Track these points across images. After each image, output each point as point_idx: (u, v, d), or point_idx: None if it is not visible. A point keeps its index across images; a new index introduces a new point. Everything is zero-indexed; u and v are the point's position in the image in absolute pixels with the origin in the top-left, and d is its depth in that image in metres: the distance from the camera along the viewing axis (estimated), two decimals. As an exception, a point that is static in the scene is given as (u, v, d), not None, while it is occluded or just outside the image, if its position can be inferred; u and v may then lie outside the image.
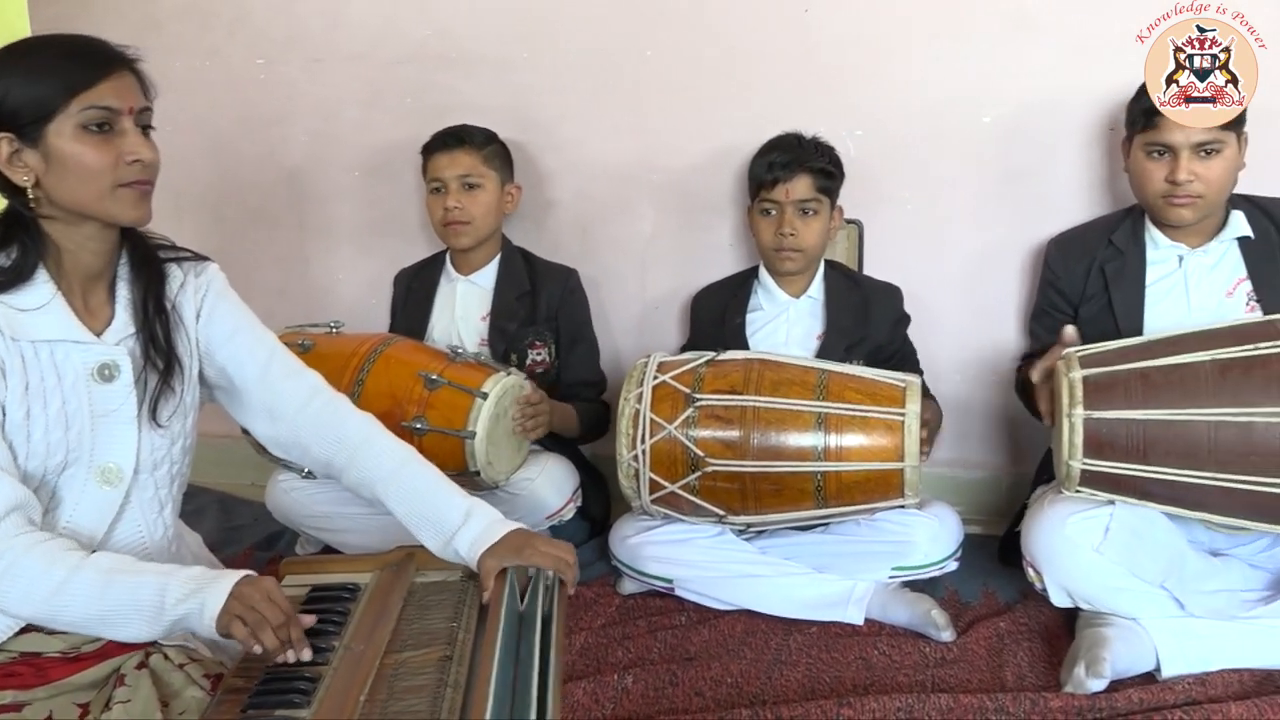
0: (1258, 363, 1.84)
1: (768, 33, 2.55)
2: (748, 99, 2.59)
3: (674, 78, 2.62)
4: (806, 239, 2.33)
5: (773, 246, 2.35)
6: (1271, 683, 1.86)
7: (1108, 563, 1.91)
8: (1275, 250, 2.17)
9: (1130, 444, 1.88)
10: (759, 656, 2.02)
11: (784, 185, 2.31)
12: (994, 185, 2.53)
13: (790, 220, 2.31)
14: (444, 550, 1.58)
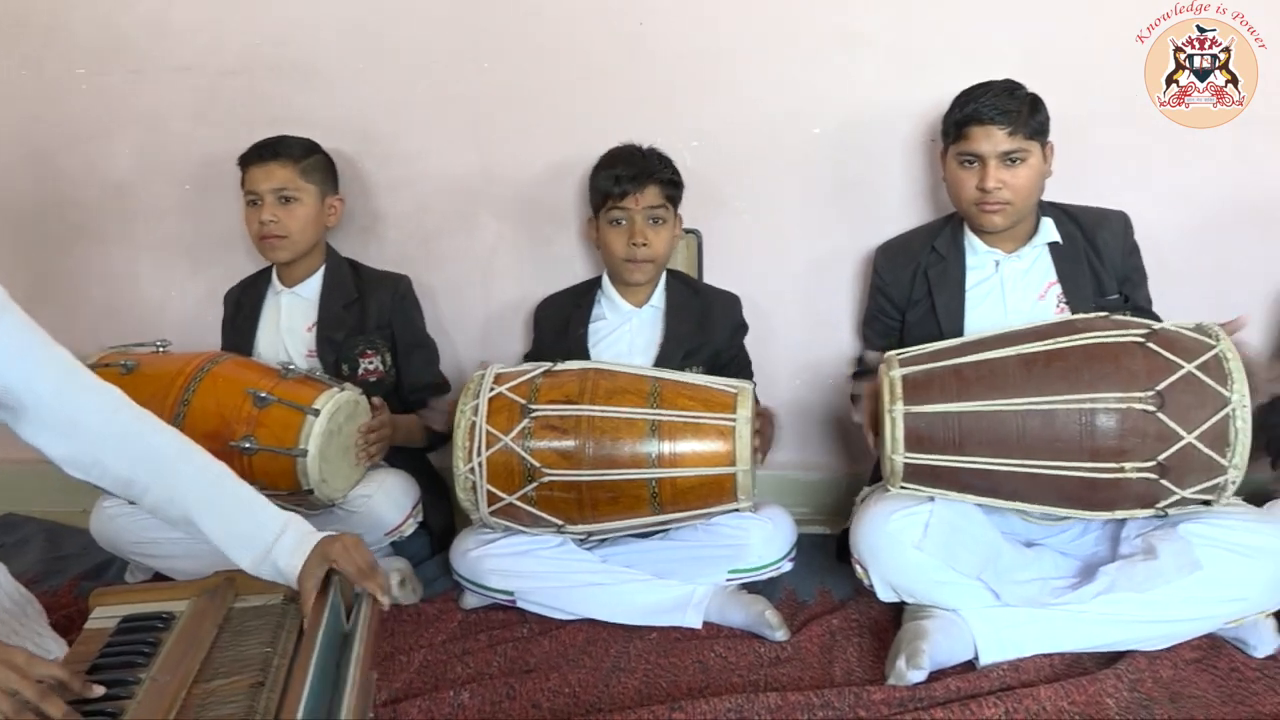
0: (1057, 355, 1.95)
1: (604, 46, 2.58)
2: (586, 111, 2.61)
3: (513, 90, 2.62)
4: (657, 248, 2.36)
5: (624, 257, 2.37)
6: (1080, 665, 1.96)
7: (928, 558, 1.98)
8: (1081, 255, 2.29)
9: (947, 436, 1.96)
10: (598, 665, 2.03)
11: (634, 195, 2.34)
12: (826, 195, 2.61)
13: (641, 230, 2.34)
14: (259, 568, 1.54)
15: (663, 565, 2.22)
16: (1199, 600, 1.92)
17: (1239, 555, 1.91)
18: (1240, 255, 2.54)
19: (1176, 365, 1.88)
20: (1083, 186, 2.41)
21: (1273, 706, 1.82)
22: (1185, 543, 1.93)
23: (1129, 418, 1.87)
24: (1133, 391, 1.88)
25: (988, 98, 2.19)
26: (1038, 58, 2.43)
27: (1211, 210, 2.52)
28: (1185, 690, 1.87)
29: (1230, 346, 1.91)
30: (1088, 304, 2.24)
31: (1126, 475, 1.89)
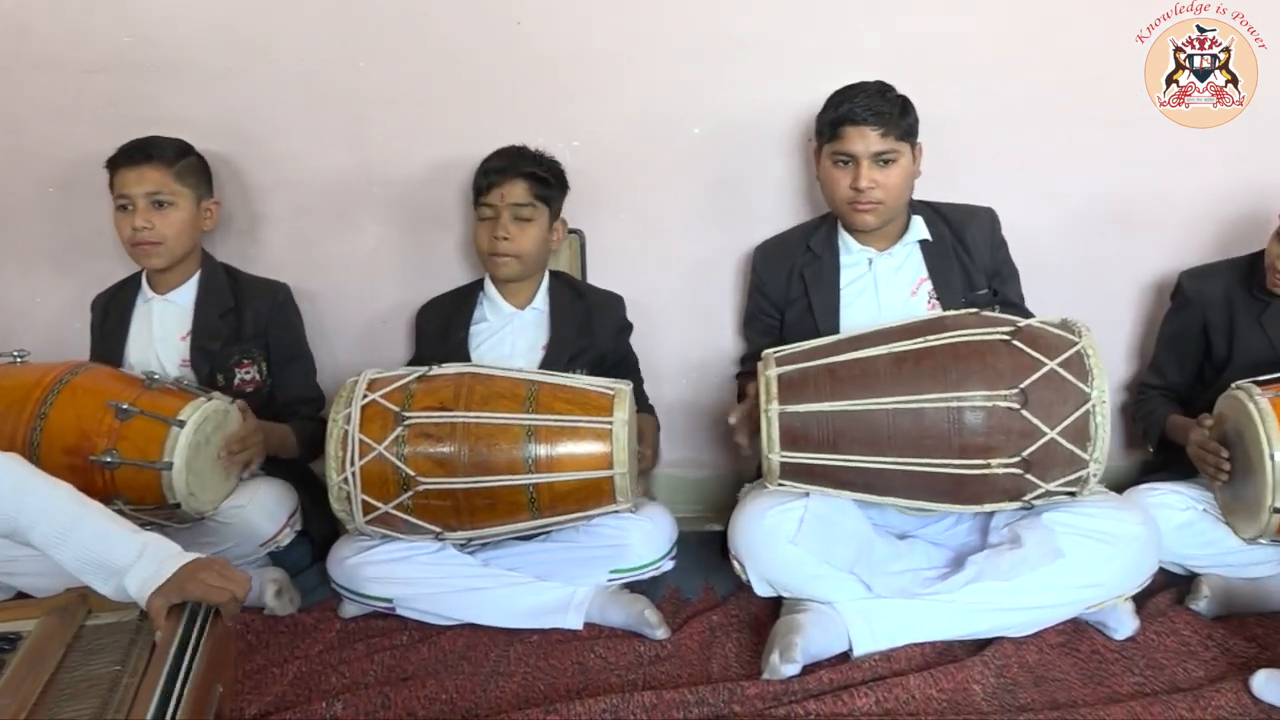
0: (926, 354, 1.99)
1: (483, 45, 2.56)
2: (467, 111, 2.59)
3: (391, 89, 2.59)
4: (521, 244, 2.35)
5: (488, 251, 2.36)
6: (951, 653, 2.00)
7: (803, 552, 2.01)
8: (949, 252, 2.34)
9: (821, 435, 1.99)
10: (477, 670, 2.01)
11: (499, 189, 2.33)
12: (707, 194, 2.63)
13: (505, 225, 2.32)
14: (116, 594, 1.50)
15: (544, 567, 2.21)
16: (1061, 587, 1.98)
17: (1098, 542, 1.98)
18: (1109, 250, 2.63)
19: (1040, 363, 1.94)
20: (954, 185, 2.46)
21: (1129, 686, 1.89)
22: (1048, 531, 1.99)
23: (995, 415, 1.92)
24: (998, 389, 1.93)
25: (861, 99, 2.22)
26: (911, 59, 2.48)
27: (1080, 208, 2.61)
28: (1049, 674, 1.93)
29: (1092, 343, 1.97)
30: (957, 299, 2.29)
31: (993, 471, 1.94)
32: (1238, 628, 2.04)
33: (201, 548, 2.14)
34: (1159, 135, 2.53)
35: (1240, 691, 1.83)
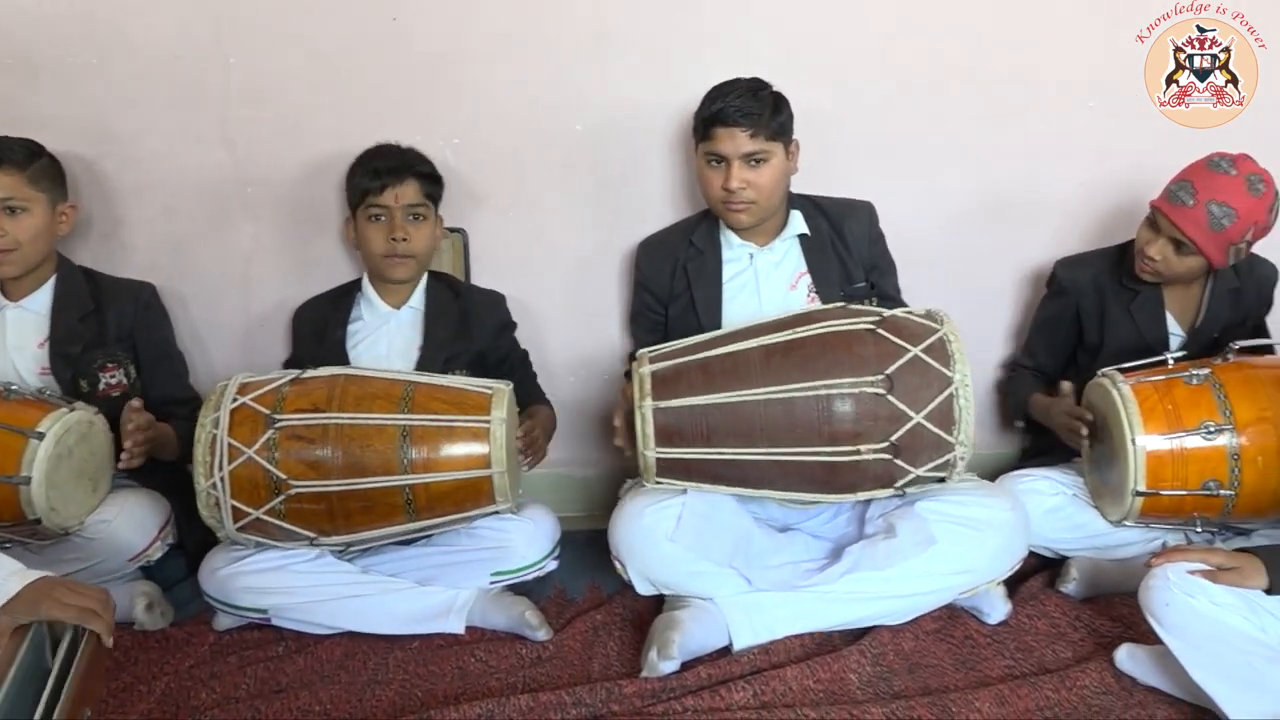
0: (795, 345, 2.01)
1: (358, 41, 2.50)
2: (342, 108, 2.52)
3: (262, 87, 2.51)
4: (418, 244, 2.31)
5: (384, 253, 2.31)
6: (830, 643, 2.03)
7: (681, 549, 2.01)
8: (828, 246, 2.36)
9: (695, 430, 2.00)
10: (354, 679, 1.97)
11: (393, 190, 2.28)
12: (590, 191, 2.61)
13: (401, 225, 2.28)
14: None
15: (425, 572, 2.18)
16: (934, 574, 2.02)
17: (969, 529, 2.02)
18: (987, 242, 2.68)
19: (904, 349, 1.97)
20: (834, 179, 2.49)
21: (999, 669, 1.93)
22: (921, 520, 2.02)
23: (862, 401, 1.95)
24: (864, 376, 1.95)
25: (731, 98, 2.21)
26: (791, 56, 2.50)
27: (958, 201, 2.66)
28: (923, 660, 1.97)
29: (954, 330, 2.01)
30: (835, 292, 2.32)
31: (863, 457, 1.96)
32: (1105, 608, 2.10)
33: (67, 564, 2.10)
34: (1032, 127, 2.59)
35: (1105, 670, 1.88)
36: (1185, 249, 2.18)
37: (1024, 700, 1.81)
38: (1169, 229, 2.17)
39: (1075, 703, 1.81)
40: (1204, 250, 2.15)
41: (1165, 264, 2.21)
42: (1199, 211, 2.12)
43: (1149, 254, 2.21)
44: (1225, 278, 2.29)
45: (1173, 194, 2.17)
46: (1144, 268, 2.26)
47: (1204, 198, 2.11)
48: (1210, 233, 2.13)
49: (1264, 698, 1.62)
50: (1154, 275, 2.26)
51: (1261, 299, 2.37)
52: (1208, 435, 2.02)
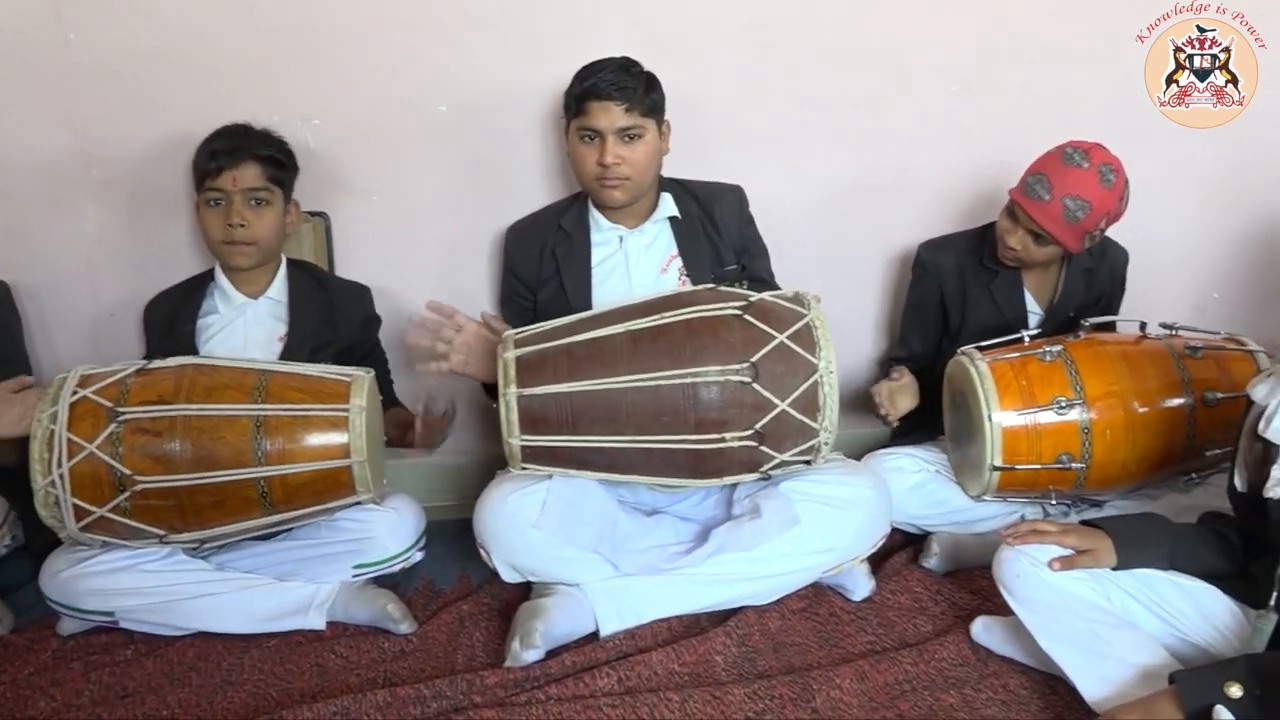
0: (662, 331, 1.99)
1: (209, 16, 2.39)
2: (193, 87, 2.42)
3: (106, 64, 2.39)
4: (258, 230, 2.21)
5: (222, 239, 2.21)
6: (697, 625, 2.02)
7: (546, 535, 1.98)
8: (698, 229, 2.36)
9: (561, 416, 1.97)
10: (206, 682, 1.90)
11: (230, 173, 2.18)
12: (457, 174, 2.55)
13: (240, 210, 2.18)
14: None
15: (285, 566, 2.11)
16: (799, 553, 2.03)
17: (831, 508, 2.03)
18: (858, 225, 2.70)
19: (770, 336, 1.97)
20: (704, 162, 2.48)
21: (862, 645, 1.96)
22: (785, 500, 2.03)
23: (727, 390, 1.94)
24: (730, 364, 1.95)
25: (605, 73, 2.20)
26: (660, 38, 2.48)
27: (828, 184, 2.68)
28: (788, 639, 1.98)
29: (820, 315, 2.02)
30: (706, 275, 2.31)
31: (729, 445, 1.96)
32: (965, 581, 2.14)
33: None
34: (900, 111, 2.62)
35: (962, 642, 1.92)
36: (1043, 239, 2.24)
37: (883, 674, 1.83)
38: (1027, 222, 2.23)
39: (933, 675, 1.84)
40: (1060, 241, 2.21)
41: (1025, 252, 2.27)
42: (1054, 206, 2.17)
43: (1009, 244, 2.27)
44: (1080, 258, 2.36)
45: (1029, 187, 2.22)
46: (1005, 255, 2.31)
47: (1059, 193, 2.17)
48: (1066, 225, 2.19)
49: (1106, 663, 1.67)
50: (1015, 261, 2.32)
51: (1115, 280, 2.46)
52: (1060, 410, 2.07)
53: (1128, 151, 2.60)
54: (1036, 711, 1.74)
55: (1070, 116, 2.42)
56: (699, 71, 2.53)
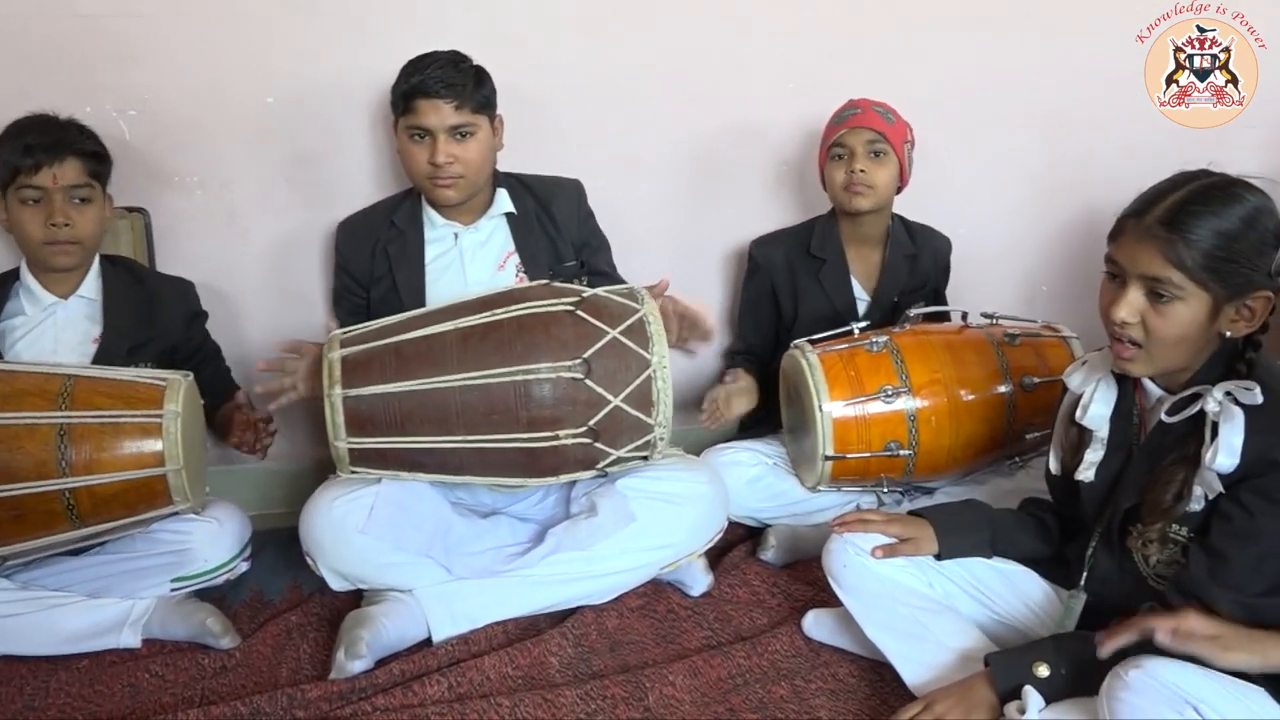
0: (493, 328, 1.95)
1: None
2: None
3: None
4: (83, 229, 2.08)
5: (44, 240, 2.06)
6: (534, 627, 1.99)
7: (374, 541, 1.93)
8: (536, 224, 2.32)
9: (389, 417, 1.91)
10: (4, 709, 1.78)
11: (50, 170, 2.04)
12: (285, 168, 2.46)
13: (63, 209, 2.05)
14: None
15: (98, 583, 2.00)
16: (636, 550, 2.02)
17: (667, 504, 2.03)
18: (698, 219, 2.71)
19: (603, 331, 1.95)
20: (542, 156, 2.45)
21: (698, 640, 1.96)
22: (622, 497, 2.02)
23: (560, 386, 1.92)
24: (562, 360, 1.92)
25: (433, 70, 2.13)
26: (492, 29, 2.43)
27: (669, 178, 2.67)
28: (625, 637, 1.96)
29: (654, 310, 2.00)
30: (545, 272, 2.28)
31: (563, 442, 1.93)
32: (802, 573, 2.16)
33: None
34: (739, 106, 2.64)
35: (795, 634, 1.94)
36: (880, 152, 2.32)
37: (716, 669, 1.83)
38: (859, 136, 2.31)
39: (765, 668, 1.85)
40: (891, 140, 2.32)
41: (870, 174, 2.32)
42: (869, 114, 2.33)
43: (855, 168, 2.31)
44: (901, 244, 2.45)
45: (842, 115, 2.37)
46: (854, 189, 2.33)
47: (865, 105, 2.35)
48: (887, 124, 2.33)
49: (926, 648, 1.71)
50: (865, 192, 2.33)
51: (939, 267, 2.54)
52: (887, 399, 2.12)
53: (956, 147, 2.69)
54: (863, 699, 1.77)
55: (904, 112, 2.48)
56: (538, 64, 2.49)
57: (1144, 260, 1.50)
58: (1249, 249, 1.49)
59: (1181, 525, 1.56)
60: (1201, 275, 1.48)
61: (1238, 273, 1.49)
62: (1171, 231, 1.48)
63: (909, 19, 2.65)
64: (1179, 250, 1.47)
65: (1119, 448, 1.68)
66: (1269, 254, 1.51)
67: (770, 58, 2.62)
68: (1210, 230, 1.47)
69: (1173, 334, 1.51)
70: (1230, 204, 1.50)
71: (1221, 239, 1.47)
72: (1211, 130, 2.49)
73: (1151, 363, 1.56)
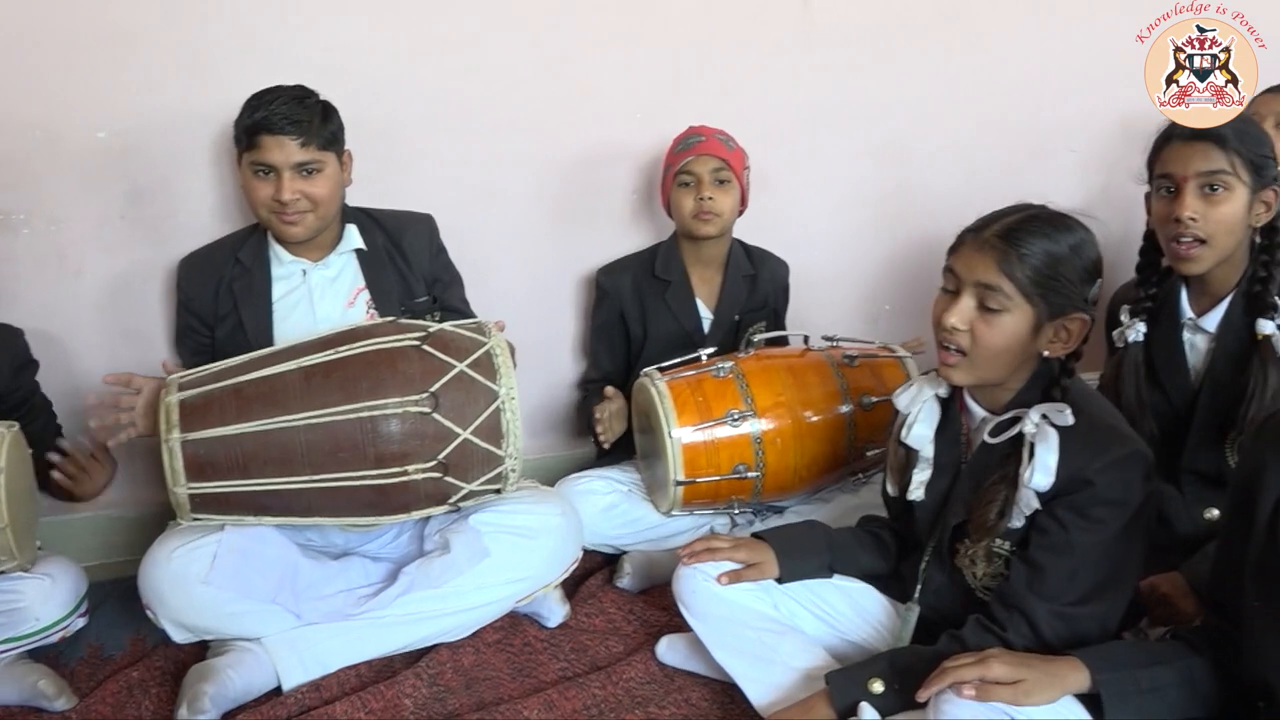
0: (337, 365, 1.93)
1: None
2: None
3: None
4: None
5: None
6: (389, 669, 1.97)
7: (217, 591, 1.88)
8: (385, 259, 2.30)
9: (231, 461, 1.87)
10: None
11: None
12: (120, 204, 2.37)
13: None
14: None
15: (-81, 650, 1.89)
16: (490, 585, 2.02)
17: (521, 537, 2.03)
18: (550, 251, 2.72)
19: (449, 365, 1.95)
20: (392, 190, 2.43)
21: (554, 673, 1.97)
22: (475, 533, 2.02)
23: (407, 421, 1.91)
24: (409, 395, 1.91)
25: (277, 105, 2.09)
26: (338, 63, 2.40)
27: (521, 210, 2.68)
28: (482, 674, 1.96)
29: (501, 342, 2.01)
30: (396, 308, 2.26)
31: (412, 478, 1.92)
32: (658, 598, 2.19)
33: None
34: (587, 136, 2.67)
35: (649, 660, 1.97)
36: (724, 180, 2.41)
37: (571, 701, 1.85)
38: (705, 164, 2.39)
39: (620, 696, 1.87)
40: (734, 167, 2.41)
41: (717, 202, 2.40)
42: (712, 142, 2.41)
43: (703, 196, 2.39)
44: (741, 265, 2.55)
45: (688, 143, 2.43)
46: (703, 216, 2.41)
47: (707, 133, 2.44)
48: (729, 152, 2.41)
49: (773, 669, 1.75)
50: (713, 219, 2.41)
51: (777, 289, 2.64)
52: (734, 423, 2.17)
53: (801, 174, 2.77)
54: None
55: (747, 139, 2.55)
56: (385, 96, 2.47)
57: (980, 268, 1.60)
58: (1072, 273, 1.60)
59: (1005, 540, 1.65)
60: (1029, 289, 1.58)
61: (1060, 293, 1.59)
62: (1007, 245, 1.59)
63: (749, 50, 2.73)
64: (1012, 262, 1.58)
65: (947, 468, 1.76)
66: (1088, 283, 1.63)
67: (617, 87, 2.66)
68: (1041, 250, 1.58)
69: (997, 344, 1.61)
70: (1062, 231, 1.62)
71: (1050, 259, 1.58)
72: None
73: (973, 371, 1.65)
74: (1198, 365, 2.06)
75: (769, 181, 2.66)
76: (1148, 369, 2.08)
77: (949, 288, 1.66)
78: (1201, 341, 2.06)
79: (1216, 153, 1.96)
